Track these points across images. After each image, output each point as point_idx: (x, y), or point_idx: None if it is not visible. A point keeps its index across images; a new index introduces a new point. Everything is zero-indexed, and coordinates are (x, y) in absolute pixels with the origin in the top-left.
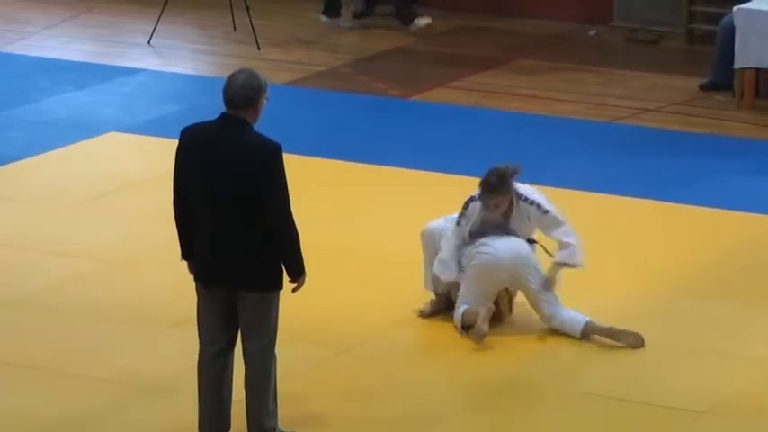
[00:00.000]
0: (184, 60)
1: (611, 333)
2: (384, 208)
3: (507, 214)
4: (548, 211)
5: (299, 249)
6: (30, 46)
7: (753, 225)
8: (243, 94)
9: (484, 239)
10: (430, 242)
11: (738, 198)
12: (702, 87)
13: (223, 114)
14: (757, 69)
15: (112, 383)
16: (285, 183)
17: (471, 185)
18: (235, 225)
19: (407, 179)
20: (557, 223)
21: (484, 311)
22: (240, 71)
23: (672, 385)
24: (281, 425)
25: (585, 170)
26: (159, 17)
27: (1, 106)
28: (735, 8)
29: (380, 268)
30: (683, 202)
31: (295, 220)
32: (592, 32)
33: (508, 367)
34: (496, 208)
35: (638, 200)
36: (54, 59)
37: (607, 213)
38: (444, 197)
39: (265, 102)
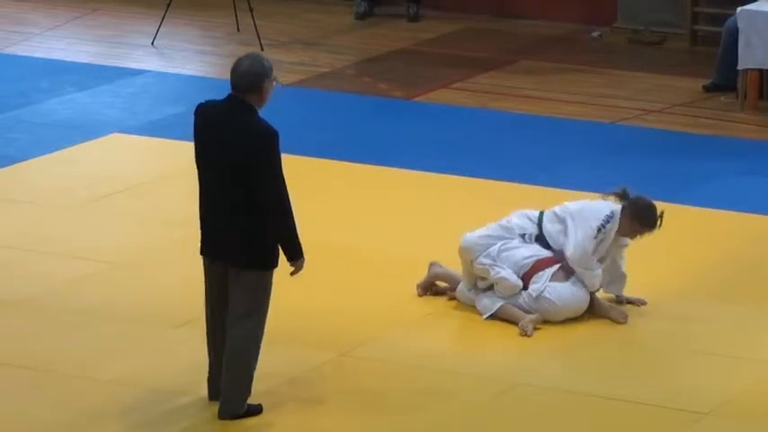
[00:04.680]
0: (188, 61)
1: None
2: (387, 209)
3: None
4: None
5: (295, 233)
6: (33, 47)
7: (756, 226)
8: (247, 80)
9: (555, 286)
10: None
11: (742, 199)
12: (706, 88)
13: (229, 95)
14: (761, 70)
15: (114, 385)
16: (279, 168)
17: (473, 187)
18: (228, 203)
19: (410, 180)
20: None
21: (536, 317)
22: (246, 56)
23: (674, 386)
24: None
25: (588, 171)
26: (163, 18)
27: (4, 107)
28: (738, 9)
29: (384, 269)
30: (686, 203)
31: (292, 206)
32: (595, 33)
33: (509, 368)
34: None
35: None
36: (57, 61)
37: None
38: (447, 198)
39: (271, 85)
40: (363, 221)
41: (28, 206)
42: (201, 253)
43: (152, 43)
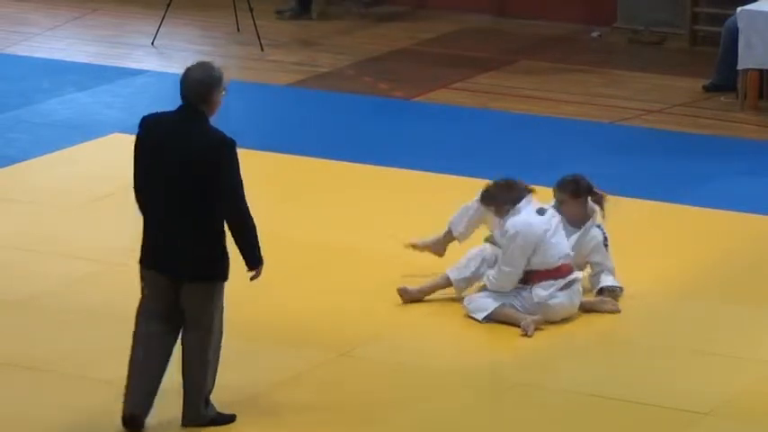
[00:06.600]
0: (188, 62)
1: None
2: (387, 209)
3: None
4: (607, 245)
5: (255, 239)
6: (33, 47)
7: (756, 226)
8: (196, 90)
9: (558, 295)
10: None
11: (742, 199)
12: (705, 88)
13: (181, 106)
14: (761, 70)
15: (114, 385)
16: (237, 176)
17: (474, 187)
18: (181, 215)
19: (410, 180)
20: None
21: (538, 318)
22: (195, 65)
23: (674, 387)
24: (214, 409)
25: (588, 171)
26: (163, 18)
27: (4, 107)
28: (738, 9)
29: (384, 269)
30: (686, 203)
31: (251, 212)
32: (595, 33)
33: (509, 368)
34: (561, 204)
35: (641, 201)
36: (57, 61)
37: (610, 214)
38: (447, 198)
39: (222, 94)
40: (363, 221)
41: (28, 206)
42: (148, 267)
43: (152, 43)
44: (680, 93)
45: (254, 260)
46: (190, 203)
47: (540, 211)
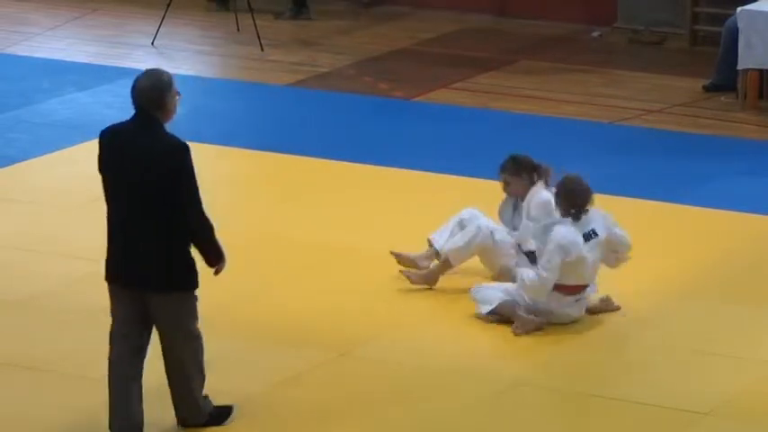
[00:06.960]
0: (188, 62)
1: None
2: (387, 209)
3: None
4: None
5: (214, 238)
6: (34, 47)
7: (756, 226)
8: (148, 97)
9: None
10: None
11: (742, 199)
12: (705, 88)
13: (135, 115)
14: (761, 70)
15: None
16: (195, 179)
17: (474, 187)
18: (146, 227)
19: (410, 180)
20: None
21: (538, 321)
22: (144, 74)
23: (674, 386)
24: (211, 404)
25: (588, 171)
26: (163, 18)
27: (4, 107)
28: (738, 9)
29: (384, 269)
30: (686, 203)
31: (208, 214)
32: (595, 33)
33: (509, 368)
34: (507, 185)
35: (641, 201)
36: (57, 61)
37: (610, 214)
38: (447, 198)
39: (175, 98)
40: (363, 221)
41: (28, 206)
42: (113, 280)
43: (152, 43)
44: (680, 93)
45: (216, 257)
46: (152, 209)
47: (587, 237)
